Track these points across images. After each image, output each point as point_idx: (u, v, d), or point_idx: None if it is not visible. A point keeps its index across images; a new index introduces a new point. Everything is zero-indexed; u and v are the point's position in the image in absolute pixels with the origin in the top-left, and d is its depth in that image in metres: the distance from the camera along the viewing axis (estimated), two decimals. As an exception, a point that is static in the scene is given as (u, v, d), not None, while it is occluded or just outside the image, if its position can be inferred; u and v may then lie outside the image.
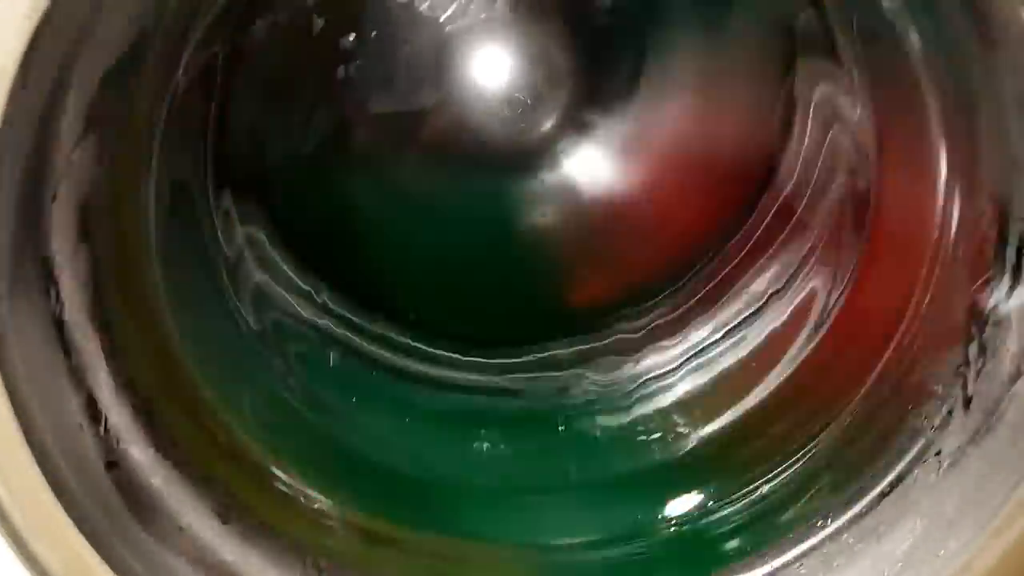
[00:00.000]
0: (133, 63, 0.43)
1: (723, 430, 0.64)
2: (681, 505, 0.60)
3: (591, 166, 0.71)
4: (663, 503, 0.60)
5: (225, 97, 0.58)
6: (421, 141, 0.68)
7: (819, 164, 0.66)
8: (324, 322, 0.68)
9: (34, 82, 0.37)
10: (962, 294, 0.54)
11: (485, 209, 0.71)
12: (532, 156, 0.69)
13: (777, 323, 0.67)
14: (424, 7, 0.60)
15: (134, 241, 0.51)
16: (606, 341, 0.71)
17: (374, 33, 0.61)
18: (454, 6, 0.60)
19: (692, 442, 0.64)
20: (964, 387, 0.54)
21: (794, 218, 0.67)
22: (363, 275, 0.69)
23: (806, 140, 0.68)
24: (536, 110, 0.68)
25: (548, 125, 0.69)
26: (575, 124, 0.70)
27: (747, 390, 0.65)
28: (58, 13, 0.36)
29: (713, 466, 0.62)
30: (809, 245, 0.66)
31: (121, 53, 0.42)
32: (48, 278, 0.45)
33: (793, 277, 0.67)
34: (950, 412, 0.55)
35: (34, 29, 0.35)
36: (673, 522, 0.59)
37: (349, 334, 0.68)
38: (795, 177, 0.68)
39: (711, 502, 0.59)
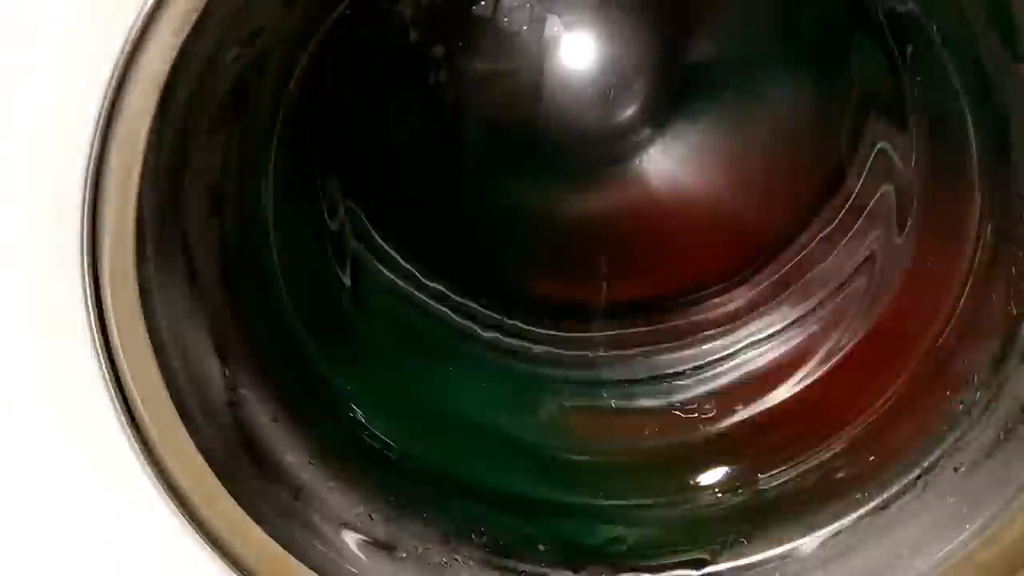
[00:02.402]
0: (256, 74, 0.52)
1: (761, 414, 0.69)
2: (714, 475, 0.65)
3: (667, 157, 0.75)
4: (699, 473, 0.66)
5: (332, 99, 0.67)
6: (510, 129, 0.74)
7: (866, 171, 0.71)
8: (421, 297, 0.75)
9: (178, 95, 0.46)
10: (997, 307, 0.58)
11: (567, 189, 0.76)
12: (614, 143, 0.74)
13: (818, 326, 0.72)
14: (503, 22, 0.67)
15: (254, 217, 0.60)
16: (665, 325, 0.76)
17: (460, 43, 0.69)
18: (526, 22, 0.67)
19: (734, 421, 0.69)
20: (998, 385, 0.58)
21: (850, 231, 0.72)
22: (455, 251, 0.75)
23: (862, 177, 0.72)
24: (618, 102, 0.73)
25: (629, 114, 0.73)
26: (654, 118, 0.74)
27: (787, 379, 0.70)
28: (199, 33, 0.45)
29: (747, 446, 0.67)
30: (856, 258, 0.71)
31: (244, 66, 0.51)
32: (186, 243, 0.54)
33: (838, 286, 0.72)
34: (984, 406, 0.58)
35: (180, 45, 0.44)
36: (711, 489, 0.65)
37: (440, 307, 0.75)
38: (857, 186, 0.72)
39: (749, 475, 0.64)
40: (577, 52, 0.71)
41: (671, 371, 0.74)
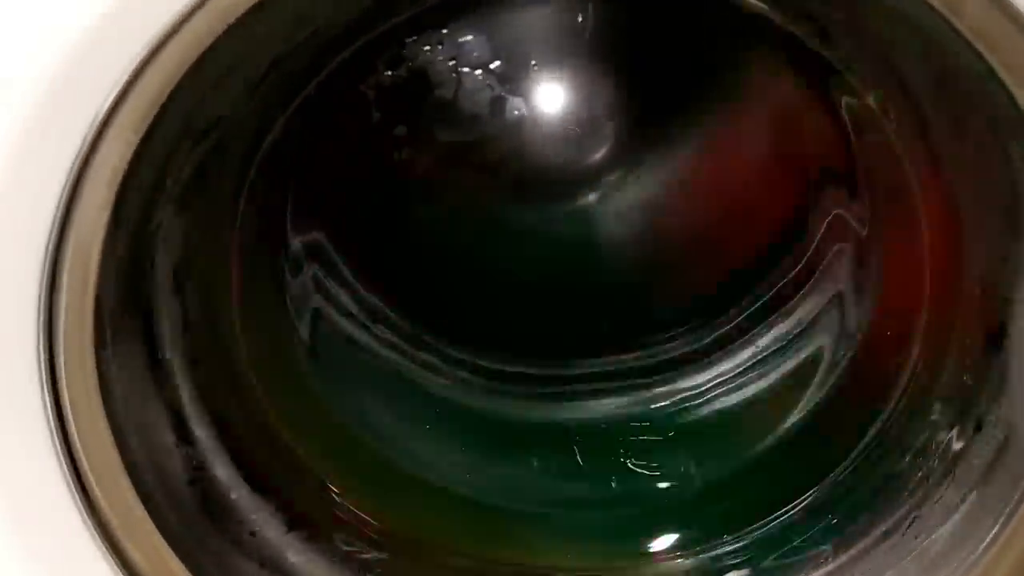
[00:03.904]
0: (218, 158, 0.52)
1: (734, 469, 0.70)
2: (687, 537, 0.66)
3: (631, 206, 0.77)
4: (671, 534, 0.67)
5: (296, 173, 0.68)
6: (481, 176, 0.74)
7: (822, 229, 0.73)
8: (384, 350, 0.75)
9: (136, 187, 0.46)
10: (954, 366, 0.60)
11: (535, 231, 0.77)
12: (582, 184, 0.75)
13: (788, 371, 0.73)
14: (465, 104, 0.68)
15: (216, 290, 0.60)
16: (635, 365, 0.77)
17: (424, 123, 0.70)
18: (488, 104, 0.68)
19: (702, 480, 0.70)
20: (954, 453, 0.59)
21: (808, 284, 0.74)
22: (424, 296, 0.76)
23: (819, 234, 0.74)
24: (585, 145, 0.73)
25: (596, 157, 0.74)
26: (616, 172, 0.75)
27: (759, 433, 0.71)
28: (162, 125, 0.45)
29: (723, 503, 0.69)
30: (818, 309, 0.73)
31: (206, 152, 0.51)
32: (147, 325, 0.54)
33: (804, 332, 0.73)
34: (941, 472, 0.60)
35: (138, 141, 0.44)
36: (679, 554, 0.66)
37: (404, 358, 0.75)
38: (815, 243, 0.74)
39: (716, 536, 0.65)
40: (538, 124, 0.73)
41: (635, 413, 0.75)
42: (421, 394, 0.75)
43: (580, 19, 0.71)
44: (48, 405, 0.48)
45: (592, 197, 0.75)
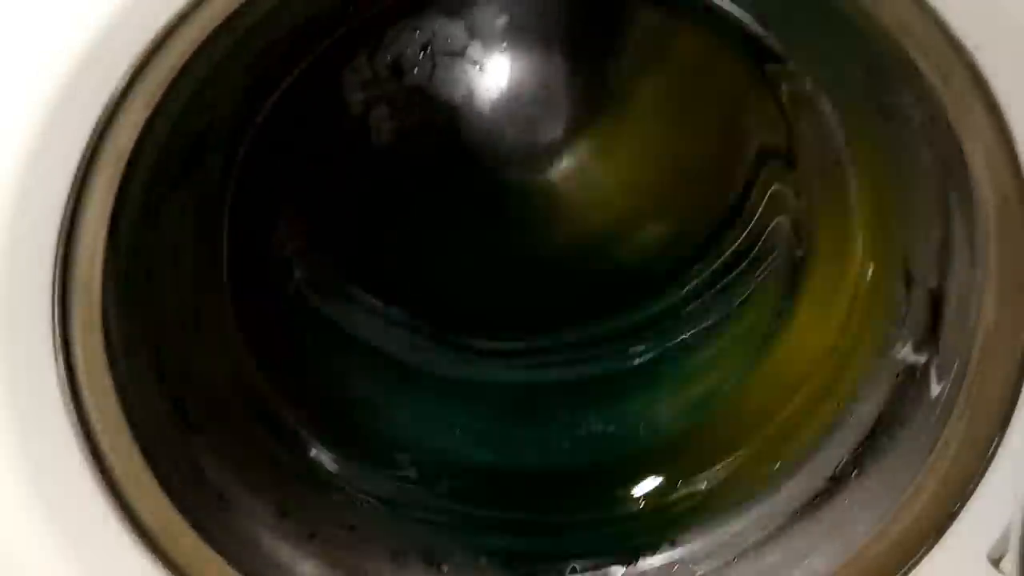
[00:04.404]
0: (209, 143, 0.56)
1: (684, 426, 0.76)
2: (645, 486, 0.72)
3: (583, 182, 0.82)
4: (630, 485, 0.72)
5: (280, 160, 0.71)
6: (446, 169, 0.79)
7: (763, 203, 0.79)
8: (363, 316, 0.80)
9: (141, 165, 0.50)
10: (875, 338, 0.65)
11: (495, 208, 0.81)
12: (543, 161, 0.80)
13: (733, 335, 0.79)
14: (441, 92, 0.72)
15: (211, 269, 0.64)
16: (591, 334, 0.82)
17: (401, 106, 0.74)
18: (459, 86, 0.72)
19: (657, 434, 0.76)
20: (881, 397, 0.64)
21: (749, 255, 0.80)
22: (401, 277, 0.80)
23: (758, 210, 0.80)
24: (538, 126, 0.79)
25: (550, 137, 0.79)
26: (573, 137, 0.81)
27: (703, 397, 0.77)
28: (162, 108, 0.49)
29: (673, 454, 0.74)
30: (759, 278, 0.79)
31: (198, 135, 0.55)
32: (148, 294, 0.57)
33: (746, 300, 0.79)
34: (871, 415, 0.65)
35: (143, 123, 0.48)
36: (640, 499, 0.71)
37: (380, 327, 0.80)
38: (749, 226, 0.80)
39: (670, 484, 0.71)
40: (506, 105, 0.77)
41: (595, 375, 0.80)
42: (403, 369, 0.79)
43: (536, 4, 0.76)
44: (59, 363, 0.52)
45: (553, 174, 0.80)
